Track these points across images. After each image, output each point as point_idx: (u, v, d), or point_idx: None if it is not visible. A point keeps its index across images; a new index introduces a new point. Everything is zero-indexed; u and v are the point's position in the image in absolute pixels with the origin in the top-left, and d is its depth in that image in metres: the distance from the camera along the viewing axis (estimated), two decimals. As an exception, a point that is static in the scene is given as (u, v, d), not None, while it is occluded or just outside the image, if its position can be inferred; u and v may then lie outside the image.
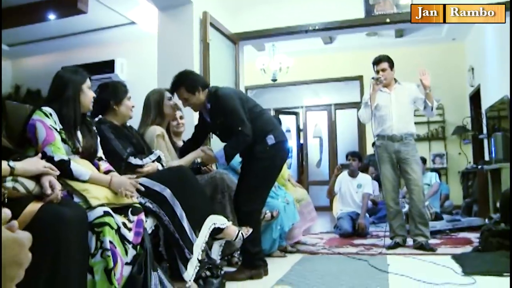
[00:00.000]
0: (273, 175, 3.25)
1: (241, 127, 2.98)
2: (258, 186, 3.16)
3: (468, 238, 4.64)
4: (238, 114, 3.01)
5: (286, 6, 5.06)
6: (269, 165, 3.13)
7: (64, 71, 2.37)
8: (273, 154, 3.10)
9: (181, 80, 3.12)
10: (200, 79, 3.20)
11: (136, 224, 2.20)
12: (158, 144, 3.05)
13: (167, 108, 3.25)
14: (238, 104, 3.04)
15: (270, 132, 3.10)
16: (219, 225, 2.77)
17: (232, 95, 3.11)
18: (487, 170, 5.75)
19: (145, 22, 5.54)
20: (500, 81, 6.39)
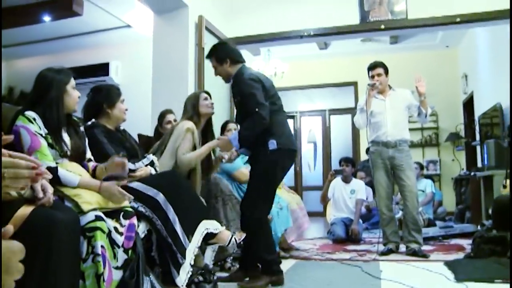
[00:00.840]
0: (272, 182, 3.10)
1: (258, 108, 2.90)
2: (260, 191, 3.07)
3: (461, 244, 4.66)
4: (255, 98, 2.93)
5: (281, 11, 5.08)
6: (269, 171, 3.04)
7: (48, 70, 2.31)
8: (273, 160, 3.01)
9: (213, 50, 3.18)
10: (231, 52, 3.17)
11: (128, 228, 2.19)
12: (185, 137, 3.08)
13: (203, 107, 3.26)
14: (257, 88, 2.97)
15: (274, 136, 3.01)
16: (212, 230, 2.76)
17: (253, 79, 3.02)
18: (479, 177, 5.77)
19: (140, 25, 5.54)
20: (493, 88, 6.44)
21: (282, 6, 5.08)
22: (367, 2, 4.91)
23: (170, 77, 4.34)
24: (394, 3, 4.88)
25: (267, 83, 3.07)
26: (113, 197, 2.20)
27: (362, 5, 4.92)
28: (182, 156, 3.05)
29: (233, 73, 3.12)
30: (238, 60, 3.14)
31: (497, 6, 4.54)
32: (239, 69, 3.11)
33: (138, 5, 4.71)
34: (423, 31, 5.86)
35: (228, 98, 5.06)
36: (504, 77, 5.84)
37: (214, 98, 4.59)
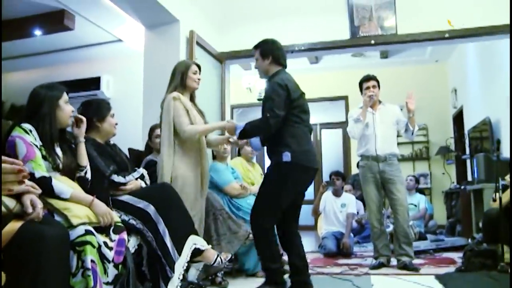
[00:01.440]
0: (282, 195, 2.96)
1: (269, 114, 2.86)
2: (267, 200, 3.00)
3: (452, 258, 4.66)
4: (272, 103, 2.87)
5: (272, 26, 5.11)
6: (279, 182, 2.95)
7: (40, 87, 2.36)
8: (285, 173, 2.93)
9: (262, 42, 3.17)
10: (276, 51, 3.13)
11: (118, 243, 2.19)
12: (175, 107, 3.07)
13: (190, 80, 3.24)
14: (278, 95, 2.89)
15: (288, 148, 2.91)
16: (199, 246, 2.75)
17: (280, 85, 2.93)
18: (469, 190, 5.80)
19: (132, 40, 5.55)
20: (482, 102, 6.51)
21: (273, 21, 5.12)
22: (357, 18, 4.97)
23: (161, 92, 4.27)
24: (384, 19, 4.94)
25: (294, 94, 2.97)
26: (104, 216, 2.19)
27: (352, 21, 4.98)
28: (187, 127, 3.04)
29: (271, 72, 3.11)
30: (280, 62, 3.13)
31: (485, 22, 4.61)
32: (277, 71, 3.09)
33: (129, 20, 4.72)
34: (413, 46, 5.94)
35: (219, 112, 5.06)
36: (493, 92, 5.92)
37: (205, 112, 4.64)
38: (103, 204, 2.26)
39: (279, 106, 2.86)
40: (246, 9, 5.31)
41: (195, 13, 4.75)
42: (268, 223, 2.99)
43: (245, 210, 3.89)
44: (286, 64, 3.18)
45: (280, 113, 2.87)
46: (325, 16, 5.05)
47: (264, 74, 3.17)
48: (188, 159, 3.13)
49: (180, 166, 3.08)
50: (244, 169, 4.50)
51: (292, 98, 2.93)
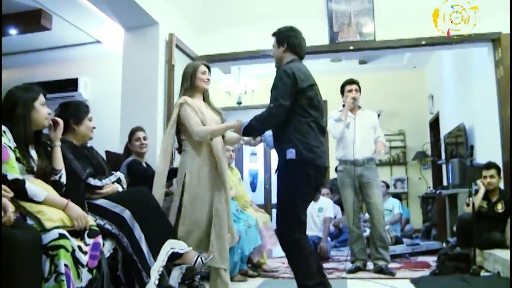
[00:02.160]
0: (299, 195, 2.73)
1: (273, 103, 2.68)
2: (288, 207, 2.75)
3: (427, 261, 4.73)
4: (276, 91, 2.69)
5: (252, 31, 5.13)
6: (291, 183, 2.74)
7: (16, 88, 2.32)
8: (292, 172, 2.73)
9: (280, 30, 2.98)
10: (292, 39, 2.90)
11: (93, 247, 2.16)
12: (182, 111, 3.05)
13: (199, 80, 3.20)
14: (283, 83, 2.69)
15: (293, 145, 2.70)
16: (178, 250, 2.74)
17: (287, 72, 2.72)
18: (445, 195, 5.90)
19: (111, 41, 5.50)
20: (457, 109, 6.63)
21: (252, 25, 5.13)
22: (336, 23, 5.02)
23: (140, 94, 4.32)
24: (363, 25, 5.00)
25: (302, 83, 2.72)
26: (78, 220, 2.17)
27: (331, 26, 5.02)
28: (197, 129, 2.98)
29: (285, 61, 2.89)
30: (296, 51, 2.91)
31: (460, 31, 4.69)
32: (291, 60, 2.87)
33: (108, 21, 4.68)
34: (391, 53, 6.01)
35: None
36: (468, 99, 6.03)
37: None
38: (78, 207, 2.23)
39: (283, 95, 2.67)
40: (226, 13, 5.31)
41: (175, 16, 4.73)
42: (295, 232, 2.72)
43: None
44: (304, 54, 2.98)
45: (285, 102, 2.66)
46: (305, 21, 5.02)
47: (278, 63, 2.97)
48: (202, 160, 3.08)
49: (194, 170, 3.05)
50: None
51: (299, 88, 2.70)
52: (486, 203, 4.19)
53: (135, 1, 3.97)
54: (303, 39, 2.97)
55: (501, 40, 4.56)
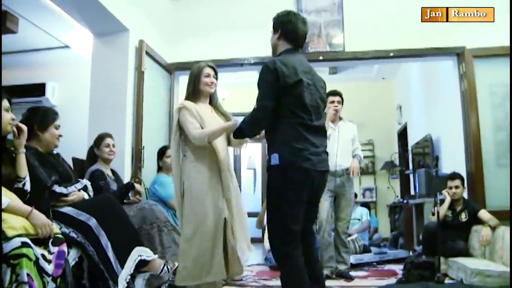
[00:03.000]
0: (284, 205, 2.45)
1: (256, 105, 2.46)
2: (275, 219, 2.51)
3: (394, 270, 4.79)
4: (260, 92, 2.47)
5: (223, 39, 5.14)
6: (275, 191, 2.50)
7: None
8: (277, 179, 2.48)
9: (276, 16, 2.68)
10: (288, 25, 2.58)
11: (57, 256, 2.12)
12: (181, 116, 2.91)
13: (202, 85, 3.03)
14: (268, 81, 2.44)
15: (278, 150, 2.44)
16: (145, 257, 2.72)
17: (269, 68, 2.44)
18: (411, 204, 6.00)
19: (79, 46, 5.43)
20: (424, 120, 6.78)
21: (223, 34, 5.15)
22: (306, 34, 5.07)
23: (109, 101, 4.27)
24: (332, 36, 5.07)
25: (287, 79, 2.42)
26: (42, 228, 2.12)
27: (301, 37, 5.07)
28: (194, 131, 2.83)
29: (279, 50, 2.62)
30: (290, 39, 2.59)
31: (426, 44, 4.82)
32: (285, 50, 2.59)
33: (78, 27, 4.61)
34: (360, 64, 6.10)
35: (167, 123, 5.02)
36: (434, 110, 6.18)
37: (153, 124, 4.60)
38: (42, 215, 2.19)
39: (266, 95, 2.43)
40: (197, 21, 5.31)
41: (146, 23, 4.71)
42: (284, 244, 2.44)
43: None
44: (302, 42, 2.65)
45: (267, 103, 2.42)
46: (275, 31, 5.13)
47: (273, 53, 2.69)
48: (202, 166, 2.89)
49: (193, 175, 2.88)
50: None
51: (283, 85, 2.41)
52: (450, 213, 4.29)
53: (105, 7, 3.94)
54: (303, 25, 2.62)
55: (465, 54, 4.69)
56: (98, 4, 3.86)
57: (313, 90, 2.54)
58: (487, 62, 4.67)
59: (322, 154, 2.54)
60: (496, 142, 4.59)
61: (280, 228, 2.45)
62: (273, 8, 5.11)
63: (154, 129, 4.67)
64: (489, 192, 4.46)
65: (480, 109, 4.61)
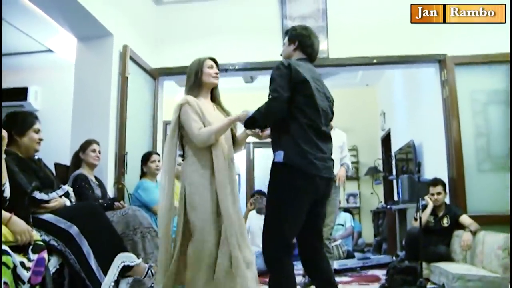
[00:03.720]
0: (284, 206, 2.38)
1: (271, 95, 2.41)
2: (272, 220, 2.43)
3: (377, 275, 4.83)
4: (275, 83, 2.42)
5: (208, 45, 5.14)
6: (276, 191, 2.44)
7: None
8: (279, 178, 2.43)
9: (292, 28, 2.77)
10: (305, 38, 2.66)
11: (36, 263, 2.10)
12: (183, 113, 2.71)
13: (206, 76, 2.84)
14: (280, 75, 2.43)
15: (282, 146, 2.42)
16: (128, 263, 2.70)
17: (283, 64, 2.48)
18: (395, 210, 6.05)
19: (63, 51, 5.39)
20: (407, 126, 6.85)
21: (209, 40, 5.15)
22: (290, 40, 5.10)
23: (92, 106, 4.24)
24: (317, 42, 5.10)
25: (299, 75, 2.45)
26: (22, 234, 2.09)
27: (286, 43, 5.10)
28: (198, 132, 2.64)
29: (290, 57, 2.68)
30: (306, 51, 2.66)
31: (409, 51, 4.88)
32: (299, 59, 2.64)
33: (61, 31, 4.58)
34: (344, 70, 6.15)
35: (151, 128, 5.00)
36: (416, 116, 6.25)
37: (137, 129, 4.58)
38: (22, 221, 2.16)
39: (282, 86, 2.40)
40: (182, 27, 5.31)
41: (130, 28, 4.69)
42: (277, 250, 2.38)
43: (173, 229, 3.85)
44: (315, 55, 2.72)
45: (282, 93, 2.39)
46: (260, 36, 5.15)
47: (284, 57, 2.73)
48: (203, 167, 2.71)
49: (194, 178, 2.71)
50: (177, 187, 4.45)
51: (295, 81, 2.44)
52: (433, 218, 4.33)
53: (89, 12, 3.91)
54: (317, 41, 2.73)
55: (446, 62, 4.76)
56: (82, 9, 3.84)
57: (323, 97, 2.58)
58: (468, 70, 4.74)
59: (327, 160, 2.51)
60: (477, 148, 4.65)
61: (275, 231, 2.39)
62: (258, 14, 5.23)
63: (137, 135, 4.64)
64: (470, 197, 4.52)
65: (461, 116, 4.67)
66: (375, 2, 5.08)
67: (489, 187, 4.54)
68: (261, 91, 8.91)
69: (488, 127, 4.65)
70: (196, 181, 2.70)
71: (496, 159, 4.60)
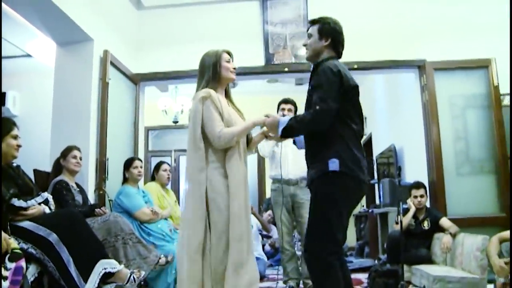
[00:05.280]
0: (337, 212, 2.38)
1: (319, 105, 2.30)
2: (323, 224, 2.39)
3: (360, 279, 4.85)
4: (323, 92, 2.33)
5: (190, 50, 5.07)
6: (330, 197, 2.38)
7: None
8: (334, 184, 2.38)
9: (323, 19, 2.63)
10: (338, 35, 2.60)
11: (14, 272, 2.07)
12: (205, 108, 2.51)
13: (224, 70, 2.67)
14: (332, 82, 2.35)
15: (337, 154, 2.36)
16: (109, 269, 2.67)
17: (333, 71, 2.38)
18: (376, 214, 6.10)
19: (42, 55, 5.33)
20: (388, 130, 6.92)
21: (190, 45, 5.13)
22: (272, 45, 5.13)
23: (72, 112, 4.19)
24: (298, 48, 5.13)
25: (350, 82, 2.43)
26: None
27: (267, 48, 5.12)
28: (220, 133, 2.47)
29: (321, 57, 2.57)
30: (337, 49, 2.60)
31: (389, 57, 4.93)
32: (330, 57, 2.54)
33: (40, 35, 4.52)
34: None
35: (132, 134, 4.96)
36: (397, 121, 6.32)
37: (118, 135, 4.54)
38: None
39: (331, 96, 2.32)
40: (164, 32, 5.29)
41: (111, 33, 4.66)
42: (328, 253, 2.36)
43: (155, 235, 3.84)
44: (341, 55, 2.65)
45: (332, 105, 2.31)
46: (242, 42, 5.15)
47: (314, 57, 2.62)
48: (223, 169, 2.53)
49: (215, 179, 2.50)
50: (159, 195, 4.43)
51: (346, 87, 2.40)
52: (413, 221, 4.37)
53: (69, 16, 3.87)
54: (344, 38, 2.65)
55: (425, 67, 4.83)
56: (61, 13, 3.79)
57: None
58: (447, 75, 4.82)
59: (367, 167, 2.50)
60: (456, 152, 4.72)
61: (327, 237, 2.36)
62: (239, 20, 5.25)
63: (119, 140, 4.60)
64: (449, 200, 4.58)
65: (440, 120, 4.74)
66: (356, 8, 5.14)
67: (467, 190, 4.62)
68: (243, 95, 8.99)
69: (466, 131, 4.73)
70: (218, 179, 2.51)
71: (474, 162, 4.68)
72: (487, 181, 4.64)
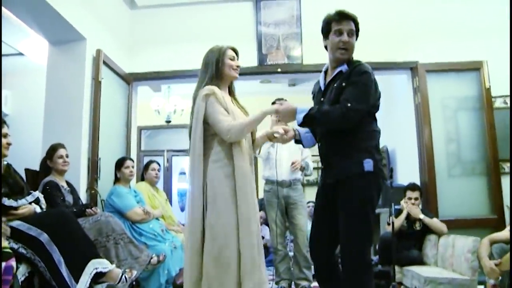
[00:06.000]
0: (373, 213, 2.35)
1: (351, 104, 2.26)
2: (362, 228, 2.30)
3: (351, 280, 4.85)
4: (358, 92, 2.30)
5: (183, 50, 5.12)
6: (367, 199, 2.32)
7: None
8: (370, 185, 2.33)
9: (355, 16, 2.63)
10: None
11: (4, 272, 2.05)
12: (209, 104, 2.45)
13: (227, 67, 2.60)
14: (368, 85, 2.34)
15: (370, 154, 2.34)
16: (101, 269, 2.67)
17: (370, 75, 2.37)
18: (368, 215, 6.10)
19: (35, 54, 5.29)
20: (381, 132, 6.93)
21: (183, 45, 5.14)
22: (265, 46, 5.13)
23: (64, 111, 4.17)
24: (291, 49, 5.14)
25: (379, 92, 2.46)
26: None
27: (260, 49, 5.13)
28: (230, 125, 2.39)
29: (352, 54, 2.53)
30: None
31: (382, 58, 4.95)
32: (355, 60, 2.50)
33: (33, 34, 4.49)
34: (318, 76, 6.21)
35: (125, 134, 4.95)
36: (390, 123, 6.33)
37: (110, 134, 4.53)
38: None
39: (366, 99, 2.32)
40: (156, 32, 5.28)
41: (104, 32, 4.64)
42: (368, 253, 2.36)
43: (147, 235, 3.83)
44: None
45: (364, 107, 2.31)
46: (235, 42, 5.02)
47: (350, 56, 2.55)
48: (227, 168, 2.46)
49: (216, 178, 2.44)
50: (149, 194, 4.42)
51: (377, 96, 2.44)
52: (405, 222, 4.39)
53: (62, 15, 3.85)
54: None
55: (418, 69, 4.85)
56: (54, 12, 3.78)
57: None
58: (439, 77, 4.86)
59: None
60: (448, 153, 4.75)
61: (368, 239, 2.36)
62: (232, 20, 5.24)
63: (111, 140, 4.59)
64: (441, 202, 4.61)
65: (432, 122, 4.77)
66: (349, 10, 5.14)
67: (459, 192, 4.65)
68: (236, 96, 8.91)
69: (458, 133, 4.77)
70: (219, 178, 2.44)
71: (466, 164, 4.72)
72: (479, 183, 4.67)
